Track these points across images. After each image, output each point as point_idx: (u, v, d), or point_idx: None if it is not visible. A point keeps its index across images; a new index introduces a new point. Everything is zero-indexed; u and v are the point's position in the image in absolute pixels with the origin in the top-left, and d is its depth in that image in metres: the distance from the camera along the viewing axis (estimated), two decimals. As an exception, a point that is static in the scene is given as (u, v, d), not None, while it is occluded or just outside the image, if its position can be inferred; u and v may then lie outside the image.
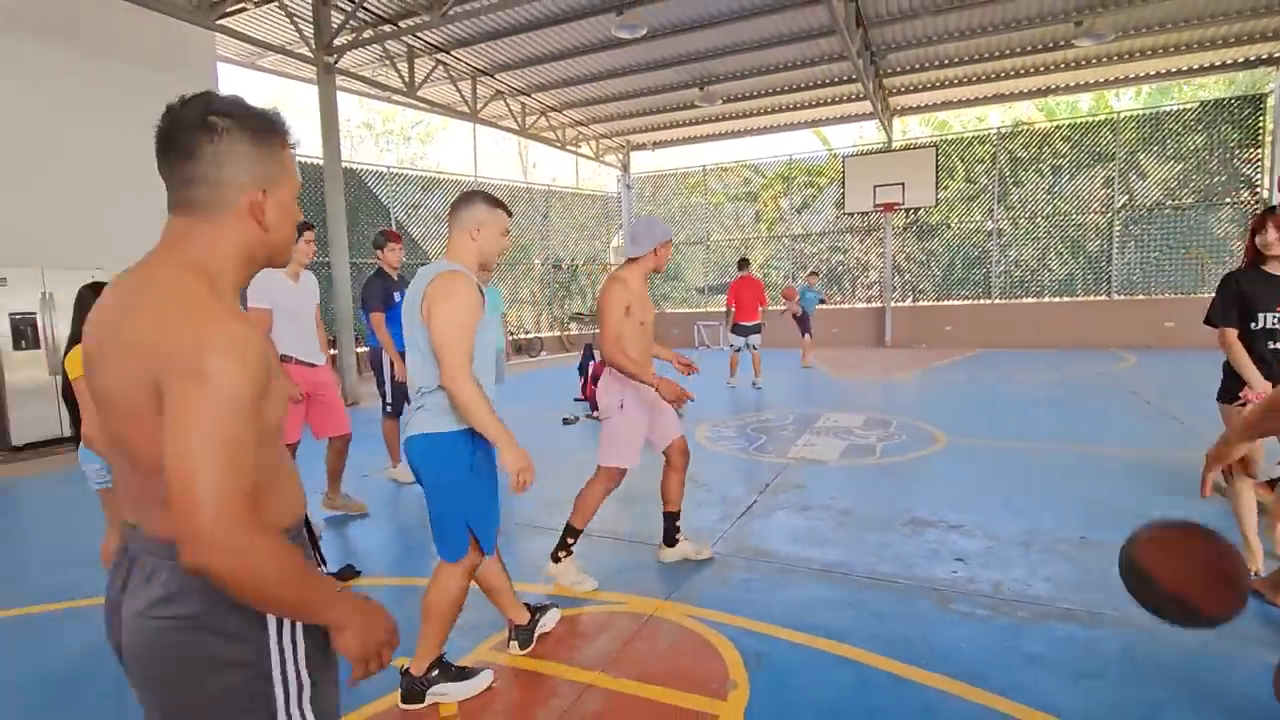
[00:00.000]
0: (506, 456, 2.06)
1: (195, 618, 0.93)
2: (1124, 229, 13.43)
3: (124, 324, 0.92)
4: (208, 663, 0.94)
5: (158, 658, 0.94)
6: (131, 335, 0.90)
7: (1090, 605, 2.75)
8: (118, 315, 0.94)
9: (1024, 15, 10.24)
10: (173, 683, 0.94)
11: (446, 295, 2.04)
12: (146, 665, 0.95)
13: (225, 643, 0.94)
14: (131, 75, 8.60)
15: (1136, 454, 5.11)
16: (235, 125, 0.98)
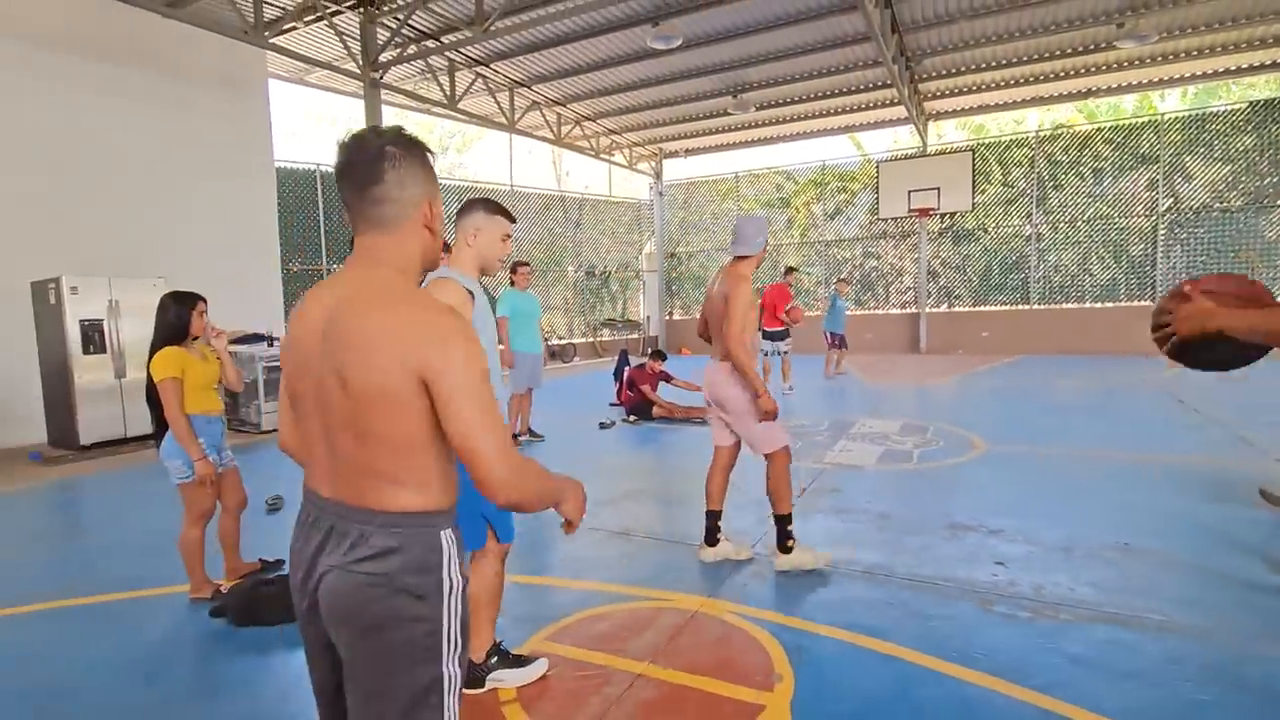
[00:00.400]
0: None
1: (390, 576, 1.09)
2: (1169, 232, 13.10)
3: (365, 324, 1.08)
4: (395, 616, 1.10)
5: (355, 603, 1.10)
6: (380, 333, 1.07)
7: (1134, 610, 2.76)
8: (349, 319, 1.09)
9: (1064, 18, 10.11)
10: (364, 627, 1.10)
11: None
12: (344, 609, 1.11)
13: (411, 601, 1.11)
14: (190, 93, 9.05)
15: (1183, 461, 5.03)
16: (405, 151, 1.17)
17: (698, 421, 7.49)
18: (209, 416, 3.19)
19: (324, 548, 1.14)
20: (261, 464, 6.03)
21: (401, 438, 1.09)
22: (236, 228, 9.62)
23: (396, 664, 1.11)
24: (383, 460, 1.10)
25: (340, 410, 1.10)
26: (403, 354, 1.06)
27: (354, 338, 1.08)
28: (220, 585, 3.24)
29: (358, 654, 1.13)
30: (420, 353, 1.06)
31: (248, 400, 7.86)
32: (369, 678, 1.12)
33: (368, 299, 1.11)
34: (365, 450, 1.10)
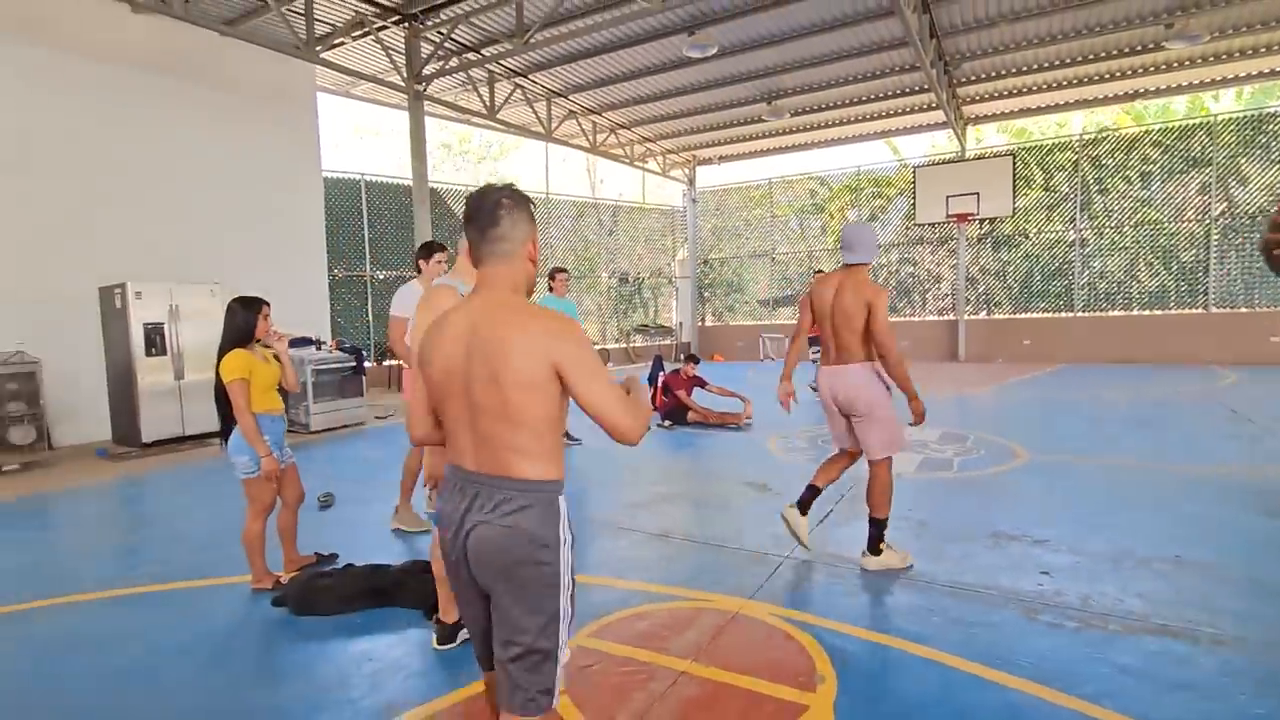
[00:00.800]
0: None
1: (529, 532, 1.45)
2: (1223, 238, 12.66)
3: (508, 334, 1.44)
4: (531, 559, 1.45)
5: (501, 550, 1.45)
6: (522, 338, 1.43)
7: (1186, 622, 2.72)
8: (494, 331, 1.45)
9: (1110, 19, 9.91)
10: (508, 568, 1.45)
11: (427, 307, 2.38)
12: (491, 556, 1.46)
13: (542, 549, 1.46)
14: (245, 106, 9.45)
15: (1238, 473, 4.89)
16: (515, 203, 1.58)
17: (732, 427, 7.51)
18: (272, 416, 3.35)
19: (471, 508, 1.48)
20: (312, 463, 6.25)
21: (541, 420, 1.45)
22: (286, 236, 9.99)
23: (529, 596, 1.45)
24: (523, 439, 1.45)
25: (490, 402, 1.45)
26: (540, 351, 1.42)
27: (501, 345, 1.43)
28: (279, 577, 3.40)
29: (499, 589, 1.47)
30: (553, 348, 1.42)
31: (297, 402, 8.14)
32: (508, 607, 1.46)
33: (505, 316, 1.47)
34: (510, 431, 1.45)
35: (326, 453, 6.93)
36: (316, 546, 3.84)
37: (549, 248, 16.16)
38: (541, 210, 16.23)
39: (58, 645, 2.86)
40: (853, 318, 3.36)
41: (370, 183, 12.92)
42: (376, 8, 8.89)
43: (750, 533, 4.03)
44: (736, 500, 4.75)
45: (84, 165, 7.92)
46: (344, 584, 3.15)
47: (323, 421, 8.20)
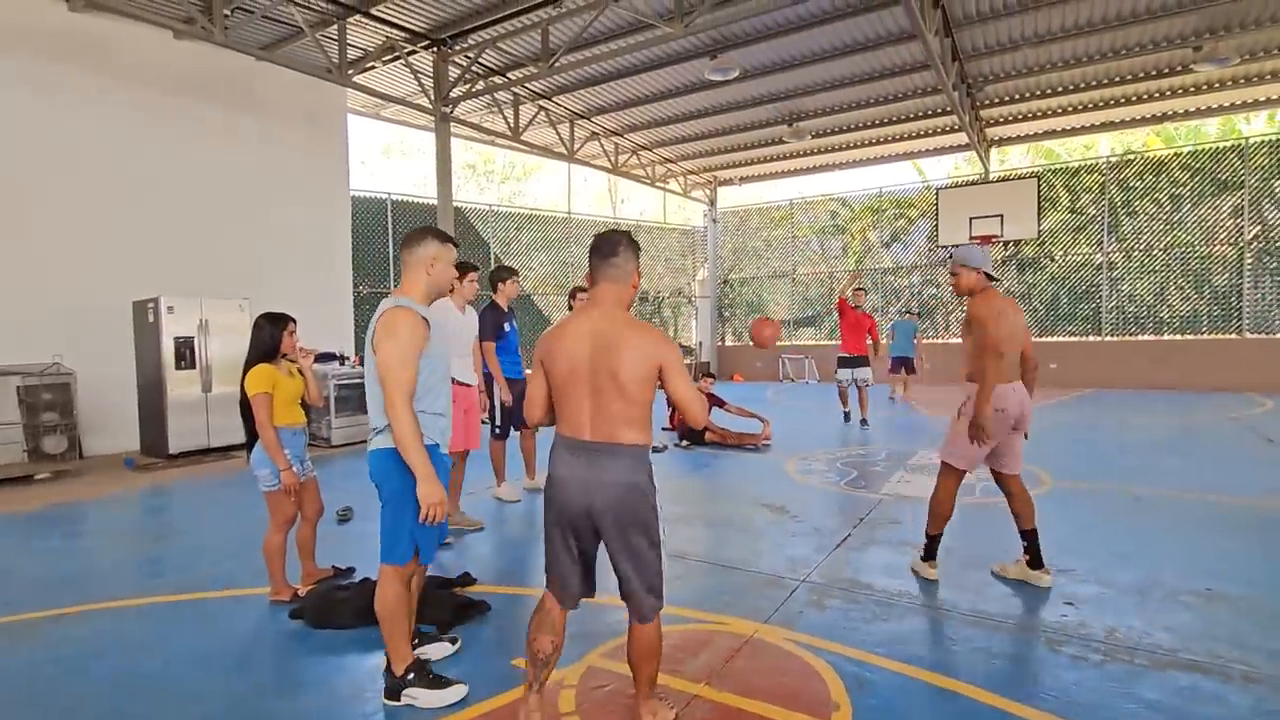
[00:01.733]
0: (422, 490, 2.26)
1: (638, 484, 2.07)
2: (1257, 261, 12.39)
3: (625, 339, 2.04)
4: (643, 502, 2.08)
5: (622, 498, 2.05)
6: (638, 344, 2.03)
7: (1217, 658, 2.63)
8: (613, 335, 2.05)
9: (1135, 42, 9.84)
10: (628, 512, 2.06)
11: (390, 332, 2.29)
12: (616, 505, 2.04)
13: (647, 496, 2.09)
14: (276, 128, 9.75)
15: (1273, 504, 4.74)
16: (629, 244, 2.21)
17: (750, 448, 7.47)
18: (294, 429, 3.42)
19: (591, 469, 2.05)
20: (332, 477, 6.33)
21: (647, 403, 2.07)
22: (314, 253, 10.23)
23: (643, 524, 2.08)
24: (634, 412, 2.05)
25: (611, 388, 2.03)
26: (650, 354, 2.04)
27: (622, 346, 2.02)
28: (298, 589, 3.44)
29: (623, 527, 2.07)
30: (658, 352, 2.05)
31: (319, 416, 8.27)
32: (632, 534, 2.07)
33: (622, 326, 2.07)
34: (626, 404, 2.04)
35: (347, 467, 7.01)
36: (335, 560, 3.89)
37: (570, 266, 16.31)
38: (563, 230, 16.43)
39: (85, 652, 2.92)
40: (1027, 339, 3.50)
41: (396, 202, 13.19)
42: (407, 33, 9.15)
43: (767, 555, 3.99)
44: (754, 522, 4.71)
45: (122, 183, 8.22)
46: (360, 598, 3.17)
47: (344, 436, 8.31)
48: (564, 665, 2.68)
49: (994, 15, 9.05)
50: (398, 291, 2.49)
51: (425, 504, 2.27)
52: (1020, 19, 9.15)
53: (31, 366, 6.98)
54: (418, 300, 2.46)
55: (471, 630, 3.04)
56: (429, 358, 2.41)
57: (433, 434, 2.46)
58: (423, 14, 8.74)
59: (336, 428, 8.27)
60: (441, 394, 2.53)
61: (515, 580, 3.74)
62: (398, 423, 2.26)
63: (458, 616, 3.10)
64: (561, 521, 2.12)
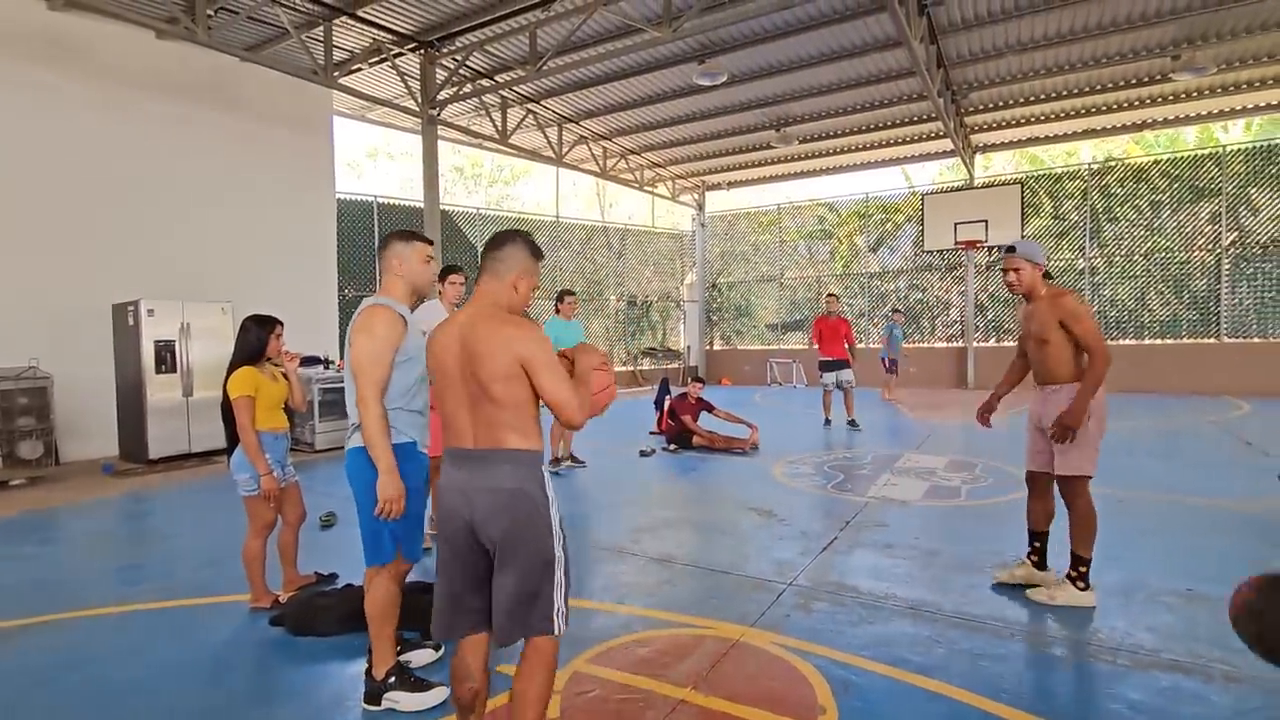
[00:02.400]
0: (381, 482, 2.26)
1: (522, 490, 1.82)
2: (1234, 267, 12.60)
3: (481, 335, 1.83)
4: (531, 512, 1.83)
5: (505, 505, 1.81)
6: (494, 338, 1.81)
7: (1199, 658, 2.65)
8: (475, 333, 1.84)
9: (1116, 51, 10.00)
10: (510, 522, 1.81)
11: (364, 329, 2.32)
12: (498, 513, 1.80)
13: (537, 506, 1.84)
14: (261, 129, 9.66)
15: (1251, 506, 4.80)
16: (520, 243, 1.97)
17: (738, 452, 7.47)
18: (276, 434, 3.37)
19: (471, 477, 1.85)
20: (315, 482, 6.25)
21: (522, 403, 1.83)
22: (298, 256, 10.13)
23: (530, 537, 1.83)
24: (508, 415, 1.83)
25: (480, 391, 1.83)
26: (507, 348, 1.80)
27: (479, 344, 1.82)
28: (278, 596, 3.38)
29: (505, 545, 1.82)
30: (516, 346, 1.80)
31: (302, 421, 8.17)
32: (517, 547, 1.81)
33: (483, 321, 1.86)
34: (499, 409, 1.83)
35: (330, 472, 6.93)
36: (317, 566, 3.83)
37: (558, 270, 16.28)
38: (551, 233, 16.40)
39: (56, 662, 2.85)
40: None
41: (382, 205, 13.11)
42: (394, 35, 9.11)
43: (754, 559, 3.99)
44: (741, 526, 4.70)
45: (102, 183, 8.10)
46: (343, 605, 3.12)
47: (327, 440, 8.22)
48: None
49: (978, 23, 9.16)
50: (379, 293, 2.50)
51: (382, 497, 2.26)
52: (1004, 27, 9.26)
53: (7, 370, 6.84)
54: (400, 299, 2.46)
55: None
56: (408, 355, 2.40)
57: (410, 431, 2.46)
58: (410, 16, 8.71)
59: (320, 432, 8.18)
60: (421, 392, 2.51)
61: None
62: (365, 416, 2.27)
63: (442, 622, 3.06)
64: (449, 541, 1.88)
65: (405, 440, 2.41)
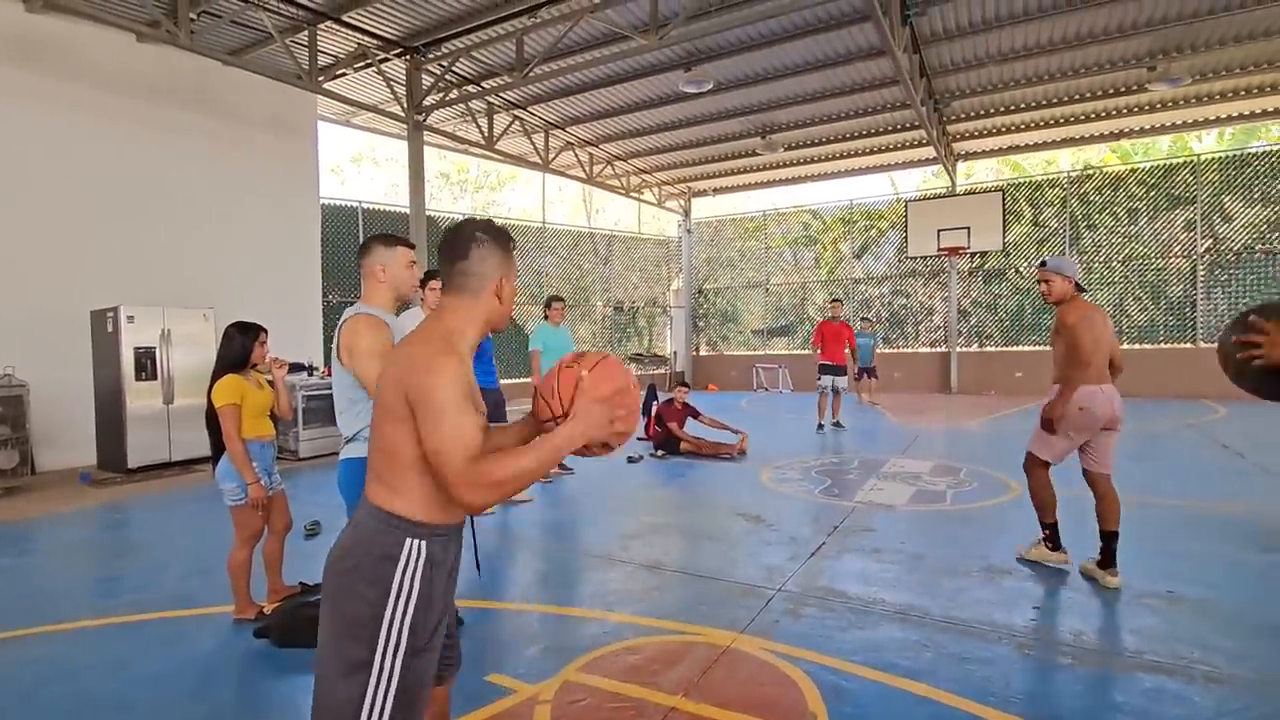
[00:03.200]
0: None
1: (349, 559, 1.41)
2: (1209, 274, 12.86)
3: (394, 355, 1.44)
4: (351, 588, 1.39)
5: (327, 573, 1.44)
6: (394, 361, 1.42)
7: (1181, 660, 2.69)
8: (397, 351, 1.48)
9: (1094, 61, 10.19)
10: (328, 596, 1.43)
11: (355, 337, 2.26)
12: (325, 582, 1.43)
13: (363, 582, 1.38)
14: (244, 134, 9.56)
15: (1229, 508, 4.89)
16: (490, 238, 1.52)
17: (725, 457, 7.49)
18: (262, 442, 3.33)
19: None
20: (300, 490, 6.18)
21: (392, 450, 1.39)
22: (282, 262, 10.03)
23: (341, 622, 1.40)
24: (377, 460, 1.42)
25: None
26: (399, 377, 1.36)
27: (388, 365, 1.44)
28: (263, 607, 3.34)
29: (324, 611, 1.43)
30: (406, 377, 1.35)
31: (286, 429, 8.07)
32: (325, 631, 1.42)
33: (406, 339, 1.48)
34: (373, 453, 1.45)
35: (315, 480, 6.85)
36: (303, 576, 3.78)
37: (544, 276, 16.26)
38: (537, 239, 16.38)
39: (36, 675, 2.79)
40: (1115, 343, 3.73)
41: (368, 210, 13.02)
42: (379, 40, 9.07)
43: (743, 565, 4.00)
44: (729, 532, 4.71)
45: (81, 188, 7.97)
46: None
47: (312, 448, 8.13)
48: (540, 680, 2.65)
49: (960, 33, 9.30)
50: (360, 300, 2.47)
51: None
52: (985, 37, 9.41)
53: (-19, 378, 6.70)
54: (383, 307, 2.44)
55: (444, 646, 2.98)
56: None
57: None
58: (396, 22, 8.68)
59: (305, 440, 8.09)
60: None
61: (489, 594, 3.68)
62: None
63: (430, 632, 3.04)
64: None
65: None
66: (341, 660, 1.36)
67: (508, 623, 3.29)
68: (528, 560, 4.35)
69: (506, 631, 3.20)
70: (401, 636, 1.36)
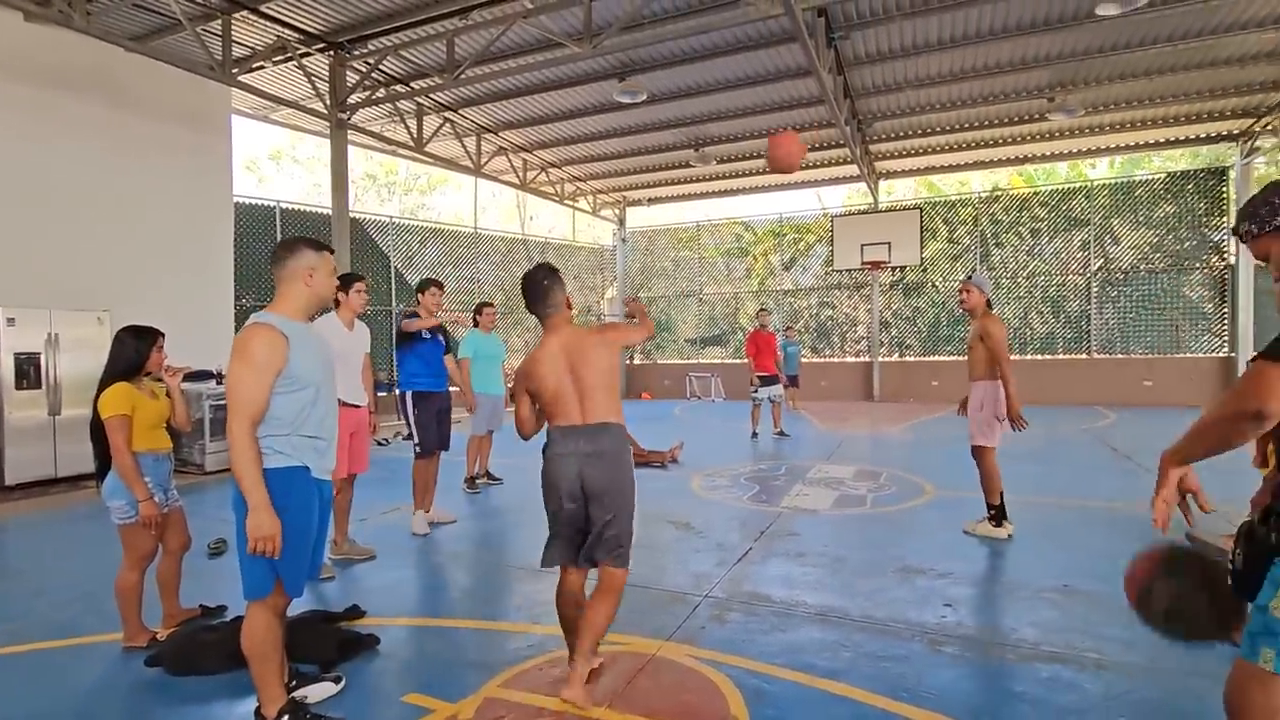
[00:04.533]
0: (251, 520, 2.09)
1: (621, 452, 2.65)
2: (1101, 290, 13.95)
3: (588, 345, 2.64)
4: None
5: (615, 465, 2.60)
6: (597, 346, 2.64)
7: (1074, 648, 2.87)
8: (579, 342, 2.63)
9: (1001, 90, 10.90)
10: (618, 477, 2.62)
11: (239, 350, 2.15)
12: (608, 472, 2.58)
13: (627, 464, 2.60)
14: (149, 125, 8.94)
15: (1116, 507, 5.28)
16: (556, 278, 2.71)
17: (656, 465, 7.52)
18: (156, 455, 3.09)
19: (580, 445, 2.62)
20: (205, 506, 5.80)
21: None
22: (190, 263, 9.41)
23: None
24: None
25: (576, 382, 2.63)
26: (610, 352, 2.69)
27: (581, 352, 2.63)
28: (156, 633, 3.09)
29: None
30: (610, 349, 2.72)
31: (191, 440, 7.56)
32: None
33: (581, 336, 2.67)
34: (588, 394, 2.65)
35: (222, 495, 6.43)
36: (204, 598, 3.53)
37: (476, 283, 15.95)
38: (469, 246, 16.07)
39: (-125, 721, 2.48)
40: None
41: (286, 210, 12.43)
42: (301, 34, 8.70)
43: (671, 572, 4.01)
44: (659, 539, 4.72)
45: (-43, 179, 7.25)
46: (231, 639, 2.87)
47: (220, 461, 7.63)
48: (460, 698, 2.56)
49: (881, 58, 9.76)
50: (270, 307, 2.31)
51: (252, 536, 2.09)
52: (904, 63, 9.91)
53: None
54: (295, 315, 2.31)
55: (358, 667, 2.84)
56: (295, 379, 2.22)
57: (303, 455, 2.27)
58: (318, 15, 8.34)
59: (211, 452, 7.59)
60: (314, 416, 2.31)
61: (410, 610, 3.54)
62: (232, 447, 2.11)
63: (343, 653, 2.89)
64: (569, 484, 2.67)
65: (296, 464, 2.25)
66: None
67: (430, 640, 3.17)
68: (452, 575, 4.22)
69: (428, 649, 3.08)
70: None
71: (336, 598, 3.63)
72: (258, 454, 2.14)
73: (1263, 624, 1.46)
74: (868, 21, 8.66)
